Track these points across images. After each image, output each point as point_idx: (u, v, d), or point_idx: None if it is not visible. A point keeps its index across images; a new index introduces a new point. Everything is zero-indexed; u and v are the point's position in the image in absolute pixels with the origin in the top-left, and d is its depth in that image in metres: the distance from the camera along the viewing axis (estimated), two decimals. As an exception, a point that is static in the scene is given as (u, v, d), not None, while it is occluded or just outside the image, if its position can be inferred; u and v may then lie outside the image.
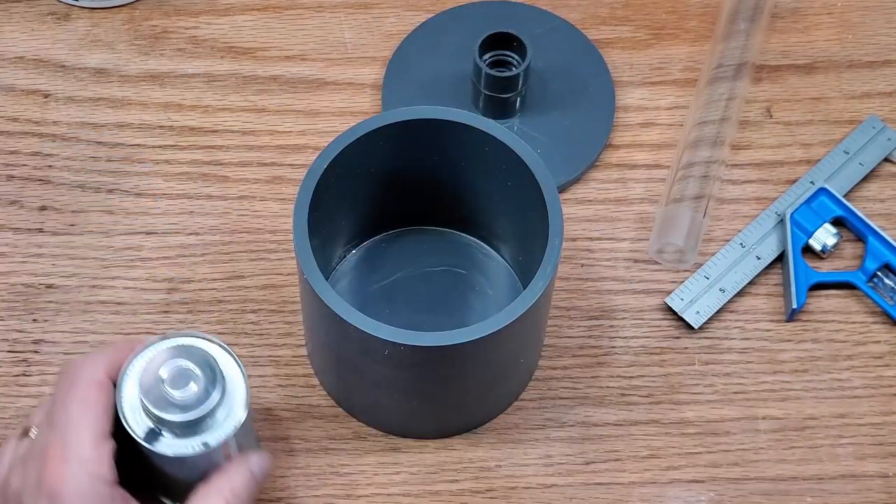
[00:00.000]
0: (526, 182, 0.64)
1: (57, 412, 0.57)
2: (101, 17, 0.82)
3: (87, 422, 0.56)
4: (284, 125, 0.79)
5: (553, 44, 0.80)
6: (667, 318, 0.74)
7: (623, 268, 0.75)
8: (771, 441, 0.71)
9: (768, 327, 0.74)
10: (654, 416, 0.71)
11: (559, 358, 0.72)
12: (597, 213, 0.77)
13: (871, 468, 0.70)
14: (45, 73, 0.80)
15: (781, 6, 0.83)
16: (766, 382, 0.72)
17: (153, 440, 0.57)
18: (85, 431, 0.56)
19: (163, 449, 0.57)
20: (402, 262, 0.74)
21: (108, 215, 0.76)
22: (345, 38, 0.82)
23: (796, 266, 0.74)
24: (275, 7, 0.83)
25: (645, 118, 0.80)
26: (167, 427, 0.57)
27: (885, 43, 0.82)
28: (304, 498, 0.69)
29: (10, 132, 0.78)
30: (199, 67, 0.81)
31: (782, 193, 0.77)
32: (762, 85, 0.81)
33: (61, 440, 0.56)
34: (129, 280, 0.74)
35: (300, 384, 0.72)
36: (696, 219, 0.74)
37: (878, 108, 0.80)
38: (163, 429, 0.57)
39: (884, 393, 0.72)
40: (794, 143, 0.79)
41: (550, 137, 0.78)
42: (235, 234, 0.75)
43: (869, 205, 0.77)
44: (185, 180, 0.77)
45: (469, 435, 0.70)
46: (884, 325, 0.74)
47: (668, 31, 0.83)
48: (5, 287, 0.74)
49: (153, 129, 0.79)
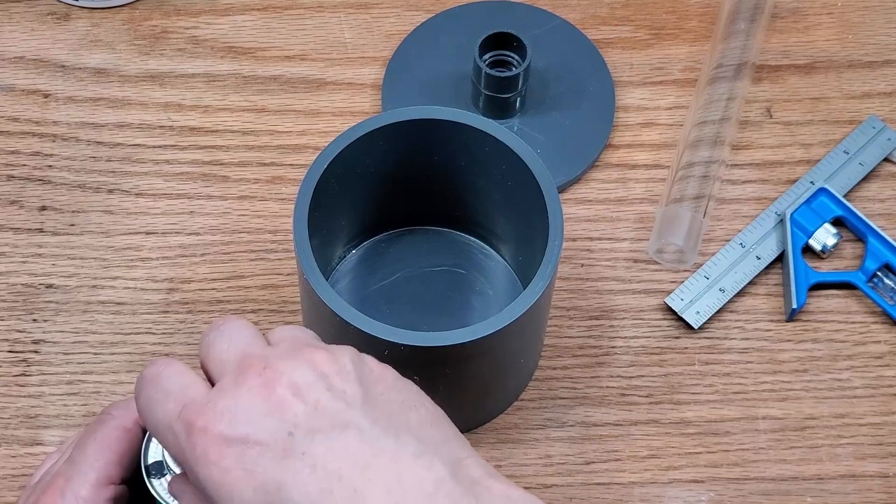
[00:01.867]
0: (526, 182, 0.64)
1: (77, 447, 0.57)
2: (101, 17, 0.82)
3: (97, 463, 0.55)
4: (284, 125, 0.79)
5: (553, 44, 0.80)
6: (667, 318, 0.74)
7: (623, 268, 0.75)
8: (771, 441, 0.71)
9: (768, 327, 0.74)
10: (654, 416, 0.71)
11: (559, 358, 0.72)
12: (597, 213, 0.77)
13: (871, 468, 0.70)
14: (45, 73, 0.80)
15: (781, 6, 0.83)
16: (766, 382, 0.72)
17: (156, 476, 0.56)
18: (91, 472, 0.55)
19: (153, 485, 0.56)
20: (402, 262, 0.74)
21: (108, 215, 0.76)
22: (345, 38, 0.82)
23: (796, 266, 0.74)
24: (275, 7, 0.83)
25: (645, 118, 0.80)
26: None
27: (885, 43, 0.82)
28: (304, 498, 0.69)
29: (10, 132, 0.78)
30: (199, 67, 0.81)
31: (782, 193, 0.77)
32: (762, 85, 0.81)
33: (66, 475, 0.55)
34: (129, 280, 0.74)
35: (300, 384, 0.72)
36: (696, 219, 0.74)
37: (878, 108, 0.80)
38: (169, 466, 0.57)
39: (884, 393, 0.72)
40: (794, 143, 0.79)
41: (550, 137, 0.78)
42: (235, 234, 0.75)
43: (869, 205, 0.77)
44: (185, 180, 0.77)
45: (469, 435, 0.70)
46: (884, 325, 0.74)
47: (668, 31, 0.83)
48: (5, 287, 0.74)
49: (153, 129, 0.79)
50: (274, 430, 0.47)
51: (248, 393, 0.48)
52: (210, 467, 0.47)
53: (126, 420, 0.56)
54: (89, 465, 0.55)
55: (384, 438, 0.48)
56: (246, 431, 0.47)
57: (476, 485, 0.47)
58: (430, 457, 0.47)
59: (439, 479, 0.47)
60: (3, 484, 0.69)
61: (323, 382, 0.49)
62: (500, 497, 0.47)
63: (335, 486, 0.46)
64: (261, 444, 0.47)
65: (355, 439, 0.47)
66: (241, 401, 0.48)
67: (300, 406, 0.48)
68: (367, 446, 0.47)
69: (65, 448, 0.60)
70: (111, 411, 0.57)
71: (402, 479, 0.46)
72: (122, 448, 0.56)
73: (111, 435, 0.56)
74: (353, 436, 0.47)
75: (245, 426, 0.48)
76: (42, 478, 0.58)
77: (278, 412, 0.48)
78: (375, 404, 0.49)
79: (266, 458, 0.47)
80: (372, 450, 0.47)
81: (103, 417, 0.57)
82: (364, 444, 0.47)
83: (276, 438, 0.47)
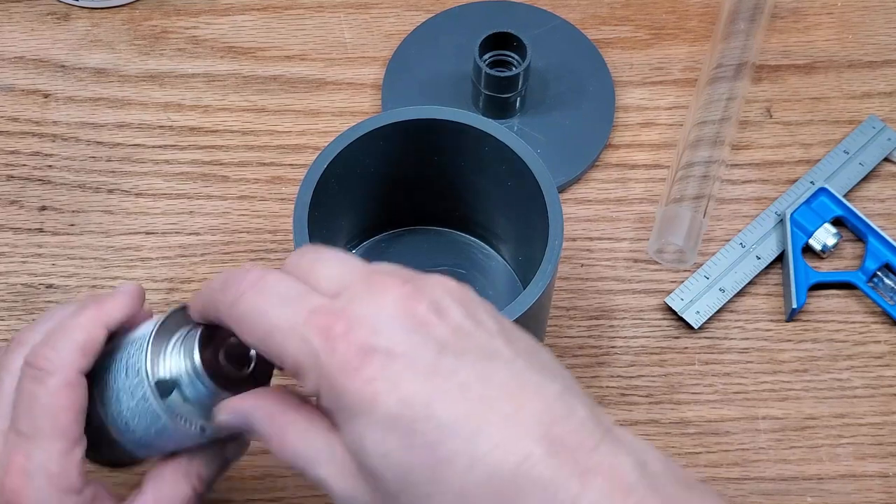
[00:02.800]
0: (526, 182, 0.64)
1: (22, 417, 0.52)
2: (101, 17, 0.82)
3: (56, 432, 0.52)
4: (284, 125, 0.79)
5: (553, 44, 0.80)
6: (667, 318, 0.74)
7: (623, 268, 0.75)
8: (771, 441, 0.71)
9: (768, 327, 0.74)
10: (654, 416, 0.71)
11: (559, 358, 0.72)
12: (597, 213, 0.77)
13: (871, 468, 0.70)
14: (45, 73, 0.80)
15: (781, 6, 0.83)
16: (766, 382, 0.72)
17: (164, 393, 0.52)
18: (55, 444, 0.52)
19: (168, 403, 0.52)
20: (402, 262, 0.72)
21: (108, 215, 0.76)
22: (345, 38, 0.82)
23: (796, 266, 0.74)
24: (275, 7, 0.83)
25: (645, 118, 0.80)
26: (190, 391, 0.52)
27: (885, 43, 0.82)
28: (304, 498, 0.69)
29: (10, 132, 0.78)
30: (199, 67, 0.81)
31: (782, 193, 0.77)
32: (762, 85, 0.81)
33: (26, 451, 0.52)
34: (129, 280, 0.74)
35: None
36: (696, 219, 0.74)
37: (878, 108, 0.80)
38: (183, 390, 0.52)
39: (884, 393, 0.72)
40: (794, 143, 0.79)
41: (550, 137, 0.78)
42: (235, 234, 0.75)
43: (869, 205, 0.77)
44: (185, 180, 0.77)
45: (469, 435, 0.70)
46: (884, 325, 0.74)
47: (668, 31, 0.83)
48: (5, 287, 0.74)
49: (153, 129, 0.79)
50: (420, 345, 0.46)
51: (391, 304, 0.47)
52: (352, 375, 0.46)
53: (69, 373, 0.52)
54: (51, 436, 0.52)
55: (528, 373, 0.47)
56: (391, 342, 0.46)
57: (610, 431, 0.47)
58: (570, 396, 0.47)
59: (582, 418, 0.46)
60: (3, 484, 0.69)
61: (461, 308, 0.48)
62: (633, 442, 0.47)
63: (484, 412, 0.45)
64: (406, 356, 0.46)
65: (503, 370, 0.47)
66: (383, 311, 0.47)
67: (444, 327, 0.47)
68: (514, 378, 0.46)
69: None
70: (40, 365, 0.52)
71: (551, 412, 0.46)
72: (76, 406, 0.52)
73: (60, 396, 0.52)
74: (500, 366, 0.47)
75: (389, 336, 0.46)
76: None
77: (423, 328, 0.47)
78: (512, 339, 0.48)
79: (412, 372, 0.46)
80: (518, 382, 0.46)
81: (37, 374, 0.52)
82: (511, 375, 0.46)
83: (422, 354, 0.46)
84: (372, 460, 0.46)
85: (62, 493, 0.52)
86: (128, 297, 0.55)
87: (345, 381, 0.46)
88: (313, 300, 0.48)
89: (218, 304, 0.50)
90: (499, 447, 0.45)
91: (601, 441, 0.46)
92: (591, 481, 0.44)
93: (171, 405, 0.52)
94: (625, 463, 0.45)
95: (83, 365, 0.53)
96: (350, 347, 0.46)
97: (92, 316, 0.54)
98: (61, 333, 0.53)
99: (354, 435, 0.46)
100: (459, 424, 0.45)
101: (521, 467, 0.45)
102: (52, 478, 0.52)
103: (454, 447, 0.45)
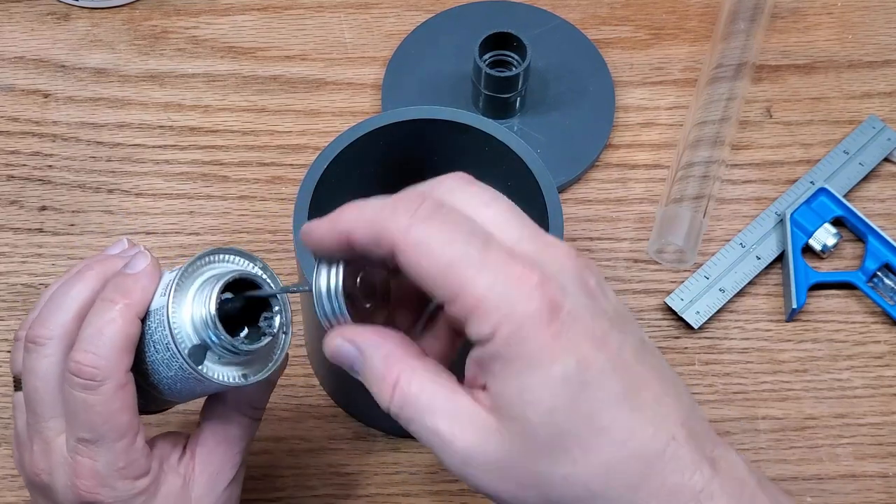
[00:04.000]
0: (526, 182, 0.64)
1: (80, 427, 0.53)
2: (101, 17, 0.82)
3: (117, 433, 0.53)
4: (284, 125, 0.79)
5: (553, 44, 0.80)
6: (667, 318, 0.74)
7: (623, 268, 0.75)
8: (771, 441, 0.71)
9: (768, 327, 0.74)
10: (654, 416, 0.71)
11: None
12: (597, 213, 0.77)
13: (871, 468, 0.70)
14: (45, 73, 0.80)
15: (781, 6, 0.83)
16: (766, 382, 0.72)
17: (198, 360, 0.53)
18: (118, 443, 0.53)
19: (205, 371, 0.53)
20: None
21: (108, 215, 0.76)
22: (345, 38, 0.82)
23: (796, 266, 0.74)
24: (275, 7, 0.83)
25: (645, 118, 0.80)
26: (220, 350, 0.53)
27: (885, 43, 0.82)
28: (303, 498, 0.69)
29: (10, 132, 0.78)
30: (199, 67, 0.81)
31: (782, 193, 0.77)
32: (762, 85, 0.81)
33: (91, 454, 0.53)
34: (129, 280, 0.74)
35: (300, 384, 0.72)
36: (696, 219, 0.74)
37: (878, 108, 0.80)
38: (214, 350, 0.53)
39: (884, 393, 0.72)
40: (794, 143, 0.79)
41: (550, 137, 0.78)
42: (235, 234, 0.75)
43: (869, 205, 0.77)
44: (185, 180, 0.77)
45: (469, 435, 0.70)
46: (884, 325, 0.74)
47: (668, 31, 0.83)
48: (5, 287, 0.74)
49: (153, 129, 0.79)
50: (597, 315, 0.47)
51: (571, 268, 0.47)
52: (542, 327, 0.45)
53: (117, 377, 0.53)
54: (112, 438, 0.53)
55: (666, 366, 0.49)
56: (575, 304, 0.46)
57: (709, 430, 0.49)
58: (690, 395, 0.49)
59: (702, 416, 0.48)
60: (3, 484, 0.69)
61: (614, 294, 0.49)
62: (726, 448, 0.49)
63: (640, 390, 0.46)
64: (585, 321, 0.46)
65: (650, 356, 0.48)
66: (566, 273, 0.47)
67: (608, 303, 0.48)
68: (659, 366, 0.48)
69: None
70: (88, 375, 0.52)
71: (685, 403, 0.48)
72: (131, 400, 0.53)
73: (115, 400, 0.53)
74: (649, 352, 0.48)
75: (574, 298, 0.46)
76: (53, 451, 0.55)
77: (591, 295, 0.47)
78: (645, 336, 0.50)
79: (590, 337, 0.46)
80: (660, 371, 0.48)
81: (87, 384, 0.53)
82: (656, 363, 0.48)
83: (599, 322, 0.46)
84: (533, 414, 0.46)
85: (134, 480, 0.54)
86: (150, 279, 0.54)
87: (534, 330, 0.45)
88: (498, 245, 0.47)
89: (386, 226, 0.47)
90: (652, 425, 0.46)
91: (716, 438, 0.48)
92: (719, 468, 0.47)
93: (209, 369, 0.53)
94: (738, 459, 0.48)
95: (128, 363, 0.54)
96: (545, 299, 0.46)
97: (124, 312, 0.53)
98: (99, 336, 0.53)
99: (521, 385, 0.46)
100: (621, 398, 0.46)
101: (668, 448, 0.46)
102: (121, 471, 0.54)
103: (613, 417, 0.46)
